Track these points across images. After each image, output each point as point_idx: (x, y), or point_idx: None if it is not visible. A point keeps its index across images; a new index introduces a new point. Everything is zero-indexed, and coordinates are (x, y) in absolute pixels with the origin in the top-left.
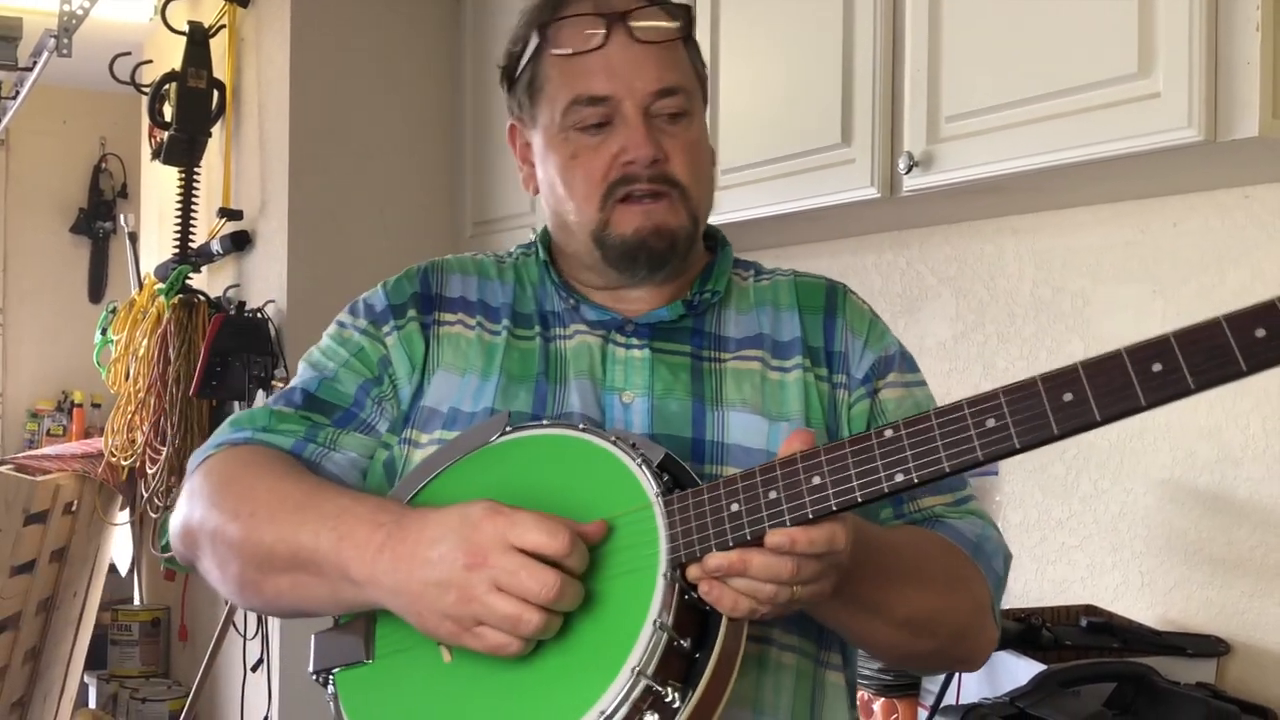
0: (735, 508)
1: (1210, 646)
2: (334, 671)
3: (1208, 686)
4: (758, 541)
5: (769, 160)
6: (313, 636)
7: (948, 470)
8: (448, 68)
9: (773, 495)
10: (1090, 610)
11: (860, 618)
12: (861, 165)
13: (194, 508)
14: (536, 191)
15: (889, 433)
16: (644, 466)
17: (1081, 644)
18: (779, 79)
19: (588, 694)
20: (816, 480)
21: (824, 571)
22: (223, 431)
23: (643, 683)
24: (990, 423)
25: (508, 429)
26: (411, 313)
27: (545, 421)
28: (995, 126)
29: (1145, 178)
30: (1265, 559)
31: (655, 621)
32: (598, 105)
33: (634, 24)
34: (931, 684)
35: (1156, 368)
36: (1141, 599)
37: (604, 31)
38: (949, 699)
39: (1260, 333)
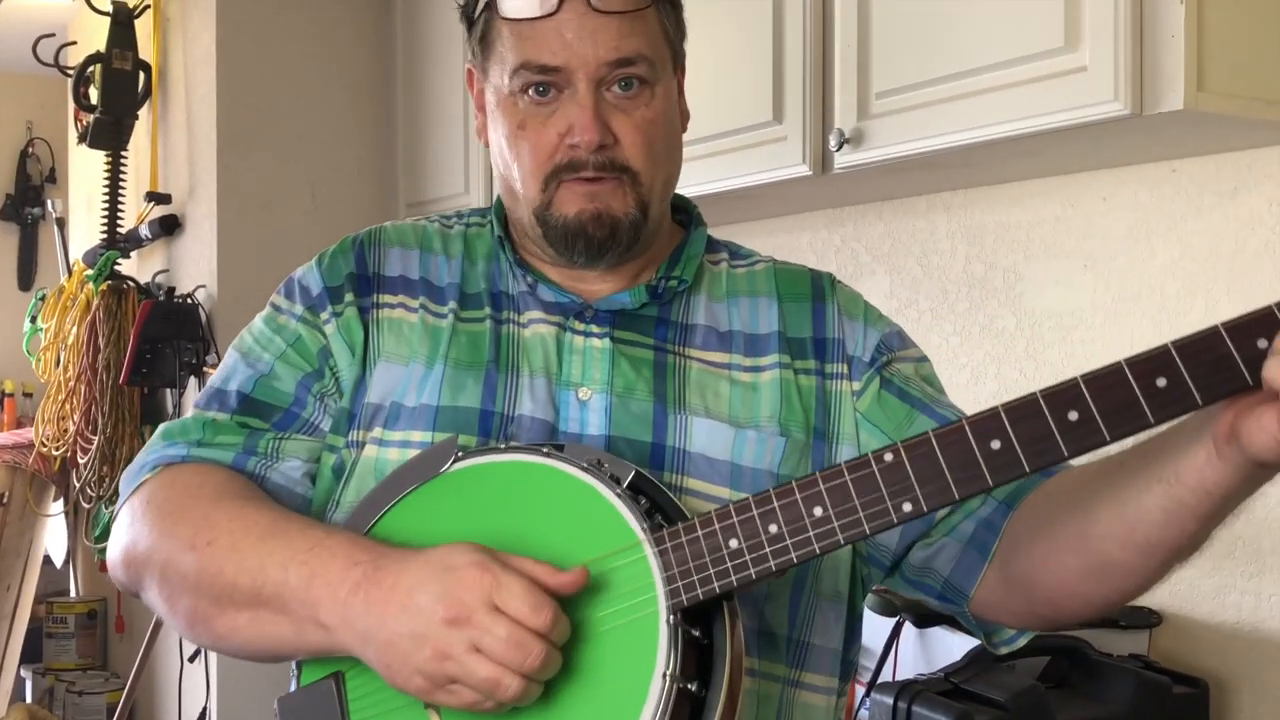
0: (734, 544)
1: (1142, 618)
2: None
3: (1140, 658)
4: (767, 577)
5: (700, 139)
6: (276, 702)
7: (958, 497)
8: (378, 47)
9: (774, 529)
10: None
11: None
12: (793, 143)
13: (138, 535)
14: (487, 144)
15: (889, 457)
16: (624, 499)
17: None
18: (709, 57)
19: None
20: (819, 512)
21: None
22: (155, 447)
23: None
24: (995, 444)
25: (459, 454)
26: (349, 296)
27: (502, 445)
28: (925, 102)
29: (1074, 152)
30: None
31: (665, 674)
32: (547, 74)
33: None
34: (868, 660)
35: (1161, 382)
36: None
37: None
38: (885, 675)
39: (1262, 344)
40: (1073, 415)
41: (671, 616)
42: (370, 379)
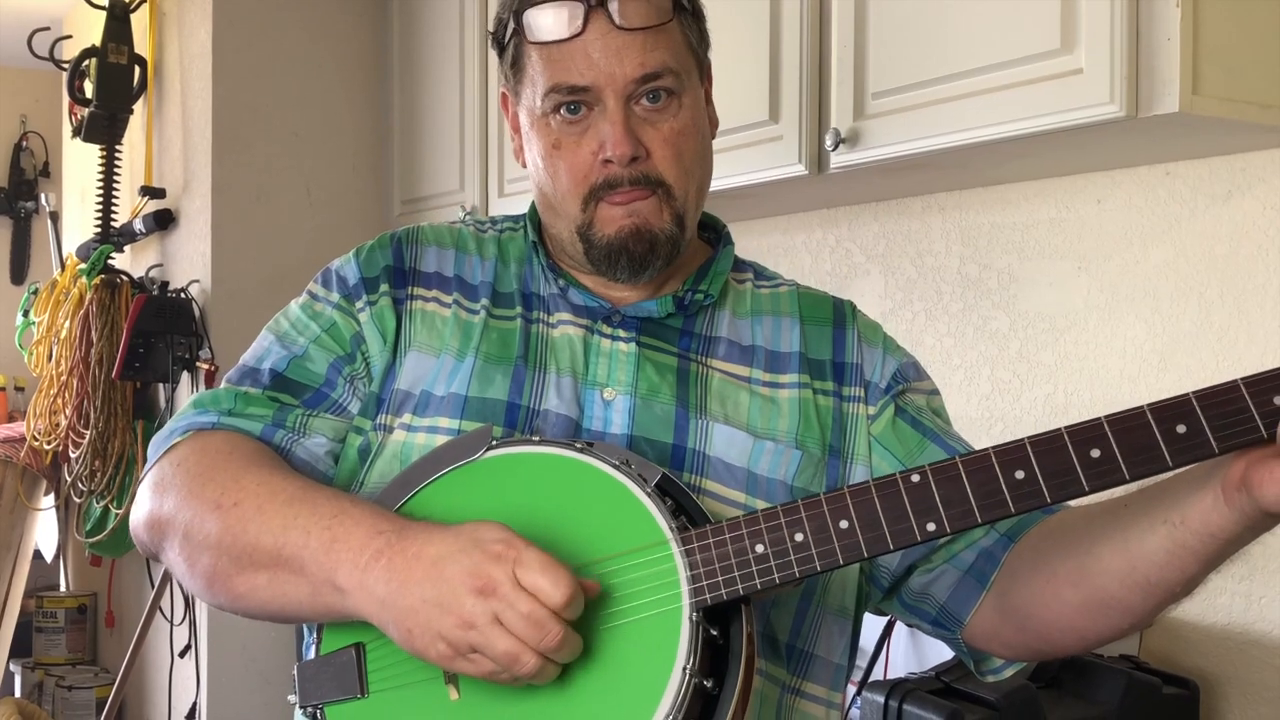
0: (760, 549)
1: None
2: (323, 706)
3: (1130, 659)
4: (789, 582)
5: None
6: (295, 667)
7: (980, 521)
8: (374, 43)
9: (799, 538)
10: None
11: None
12: (789, 142)
13: (164, 498)
14: (525, 164)
15: (916, 478)
16: (653, 498)
17: None
18: None
19: None
20: (844, 525)
21: None
22: (185, 414)
23: None
24: (1019, 474)
25: (494, 443)
26: (384, 287)
27: (536, 438)
28: (921, 103)
29: (1069, 154)
30: None
31: (684, 668)
32: (577, 94)
33: (614, 9)
34: (859, 659)
35: (1181, 429)
36: None
37: (582, 19)
38: (876, 674)
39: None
40: (1095, 453)
41: (695, 614)
42: (400, 367)
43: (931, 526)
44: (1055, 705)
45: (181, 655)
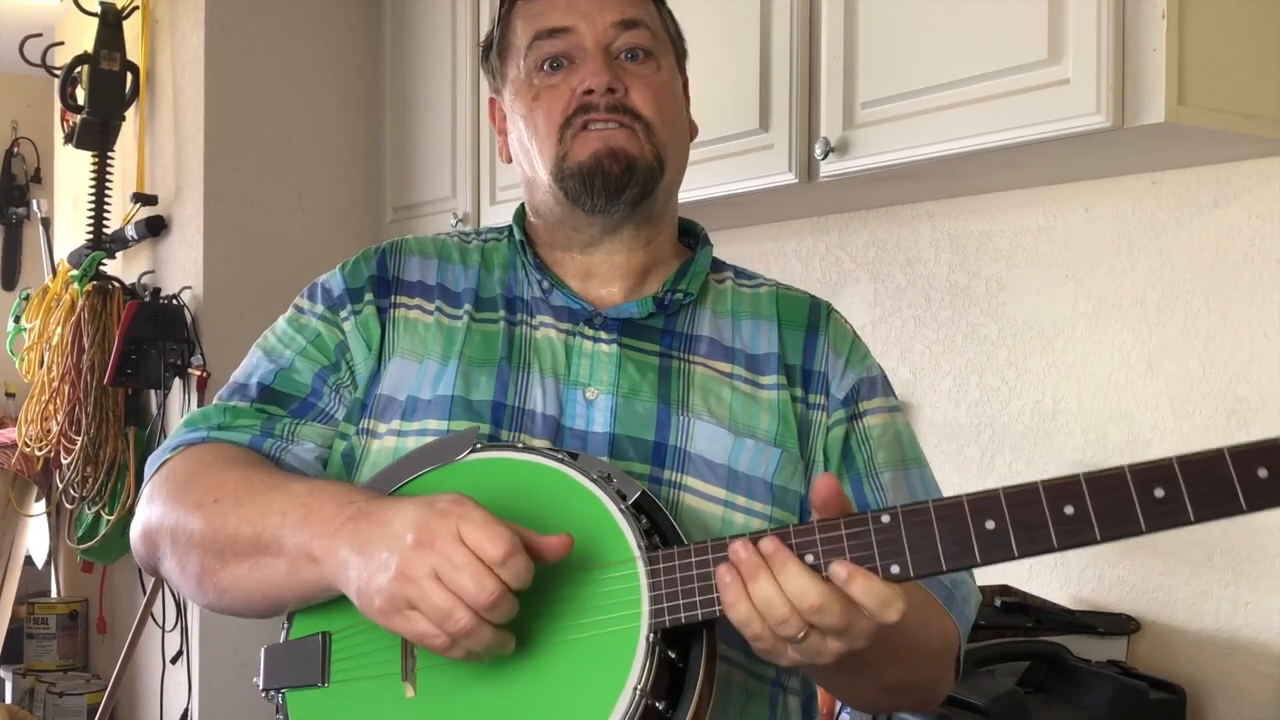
0: None
1: (1120, 625)
2: (285, 691)
3: (1118, 664)
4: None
5: None
6: (262, 650)
7: (945, 569)
8: (367, 50)
9: None
10: (1005, 591)
11: (845, 678)
12: (779, 151)
13: (153, 508)
14: (509, 160)
15: (885, 519)
16: (627, 515)
17: (996, 624)
18: (696, 65)
19: None
20: (810, 559)
21: (848, 629)
22: (177, 433)
23: None
24: (990, 525)
25: (477, 445)
26: (368, 296)
27: (519, 445)
28: (910, 113)
29: (1056, 163)
30: (1173, 539)
31: (635, 688)
32: (557, 36)
33: None
34: None
35: (1159, 493)
36: (1055, 579)
37: None
38: None
39: (1263, 473)
40: (1069, 509)
41: (651, 635)
42: (384, 373)
43: (895, 570)
44: (1043, 710)
45: (173, 661)
